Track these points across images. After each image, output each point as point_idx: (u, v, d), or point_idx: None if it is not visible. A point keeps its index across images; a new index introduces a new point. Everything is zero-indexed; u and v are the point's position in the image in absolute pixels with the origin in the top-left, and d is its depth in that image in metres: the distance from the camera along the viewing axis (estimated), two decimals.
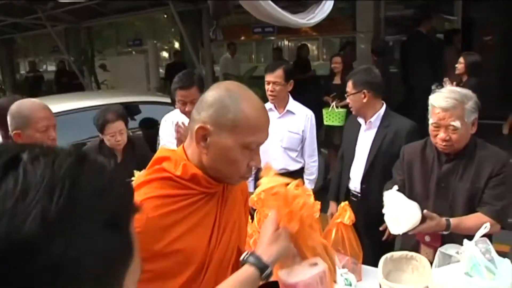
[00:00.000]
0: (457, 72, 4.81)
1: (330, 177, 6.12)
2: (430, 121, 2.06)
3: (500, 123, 6.95)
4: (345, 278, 1.98)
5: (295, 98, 3.28)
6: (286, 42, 10.82)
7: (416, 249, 2.12)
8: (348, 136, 2.99)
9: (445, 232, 1.97)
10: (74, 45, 10.27)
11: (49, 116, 2.06)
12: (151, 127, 4.46)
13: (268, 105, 3.24)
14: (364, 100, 2.72)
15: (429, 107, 2.08)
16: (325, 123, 5.62)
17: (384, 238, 2.30)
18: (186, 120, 3.06)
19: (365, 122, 2.81)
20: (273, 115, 3.20)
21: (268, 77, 3.10)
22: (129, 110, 4.66)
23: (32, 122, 1.99)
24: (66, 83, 9.73)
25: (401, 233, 1.94)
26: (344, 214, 2.20)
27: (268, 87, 3.11)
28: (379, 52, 6.06)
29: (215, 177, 1.21)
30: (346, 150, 2.98)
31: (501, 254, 2.16)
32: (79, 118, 4.09)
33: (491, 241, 1.75)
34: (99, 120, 2.99)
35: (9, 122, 2.04)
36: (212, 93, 1.18)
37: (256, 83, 7.53)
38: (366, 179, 2.78)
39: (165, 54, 13.06)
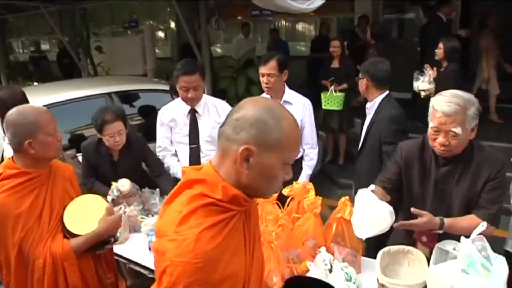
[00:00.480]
0: (436, 57, 4.77)
1: (329, 159, 6.24)
2: (430, 124, 2.02)
3: None
4: (346, 273, 2.03)
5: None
6: (283, 22, 10.72)
7: (413, 246, 2.15)
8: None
9: (440, 231, 2.00)
10: (68, 26, 10.13)
11: (52, 118, 2.01)
12: (150, 114, 4.46)
13: (265, 96, 3.27)
14: (364, 87, 3.12)
15: (430, 109, 2.03)
16: (323, 107, 5.62)
17: None
18: (185, 111, 3.12)
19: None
20: None
21: (262, 70, 3.10)
22: (128, 98, 4.67)
23: (42, 126, 1.92)
24: (68, 64, 9.63)
25: (363, 238, 1.84)
26: (345, 209, 2.25)
27: (263, 79, 3.12)
28: (378, 36, 6.02)
29: (250, 194, 1.20)
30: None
31: (500, 239, 2.23)
32: (77, 108, 4.07)
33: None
34: (98, 120, 2.97)
35: (12, 134, 1.92)
36: (252, 113, 1.13)
37: (253, 64, 7.52)
38: (359, 157, 3.25)
39: (161, 34, 12.92)
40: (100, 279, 2.12)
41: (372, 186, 2.14)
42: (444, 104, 1.94)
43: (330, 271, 2.08)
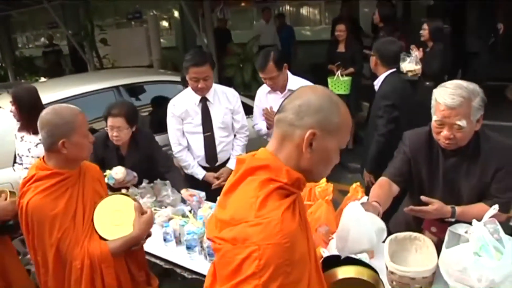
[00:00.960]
0: (422, 38, 4.87)
1: None
2: (434, 117, 1.97)
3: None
4: (359, 258, 2.05)
5: None
6: (287, 7, 10.63)
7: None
8: None
9: (451, 219, 1.99)
10: (72, 20, 10.14)
11: (86, 119, 2.02)
12: (162, 105, 4.46)
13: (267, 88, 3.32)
14: (373, 64, 3.33)
15: (433, 102, 1.98)
16: None
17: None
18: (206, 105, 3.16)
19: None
20: (275, 96, 3.29)
21: (262, 75, 3.15)
22: (136, 90, 4.70)
23: (77, 127, 1.92)
24: (81, 58, 9.59)
25: (342, 256, 1.60)
26: (356, 194, 2.27)
27: (266, 82, 3.20)
28: (386, 18, 5.92)
29: (305, 178, 1.23)
30: None
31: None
32: (86, 103, 4.08)
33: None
34: (106, 111, 3.07)
35: (47, 133, 1.91)
36: (315, 99, 1.19)
37: (259, 51, 7.48)
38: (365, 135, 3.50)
39: (165, 23, 12.89)
40: (133, 277, 2.13)
41: (365, 198, 2.10)
42: (447, 96, 1.88)
43: None
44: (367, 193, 2.31)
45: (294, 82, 3.23)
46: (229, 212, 1.17)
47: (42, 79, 10.31)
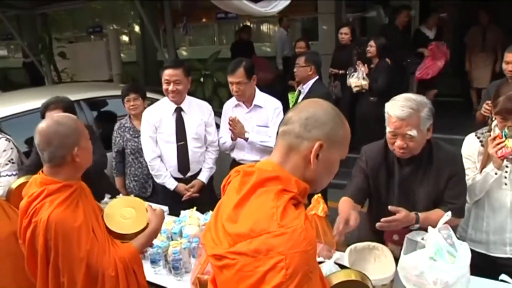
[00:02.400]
0: (368, 55, 5.15)
1: None
2: (387, 129, 2.10)
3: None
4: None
5: None
6: (248, 23, 10.80)
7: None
8: None
9: (416, 225, 2.09)
10: (28, 31, 9.85)
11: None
12: (109, 121, 4.39)
13: (236, 101, 3.36)
14: (310, 72, 4.01)
15: (386, 115, 2.11)
16: (291, 107, 5.71)
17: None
18: (162, 115, 3.18)
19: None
20: (241, 110, 3.34)
21: (231, 79, 3.20)
22: (97, 105, 4.61)
23: (82, 132, 1.89)
24: (38, 72, 9.20)
25: None
26: (318, 206, 2.34)
27: (232, 87, 3.22)
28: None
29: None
30: None
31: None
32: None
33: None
34: (41, 107, 3.11)
35: (57, 146, 1.81)
36: (322, 112, 1.25)
37: (220, 67, 7.56)
38: None
39: (125, 38, 12.76)
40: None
41: (336, 255, 2.14)
42: (397, 109, 2.01)
43: None
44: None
45: (261, 98, 3.32)
46: (245, 224, 1.14)
47: None
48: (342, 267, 1.81)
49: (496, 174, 2.21)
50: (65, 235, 1.74)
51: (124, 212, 2.04)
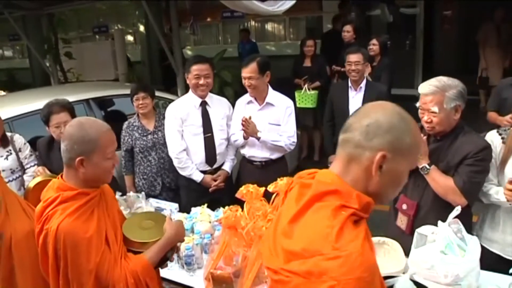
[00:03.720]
0: (372, 53, 5.15)
1: (304, 156, 6.38)
2: (418, 105, 2.30)
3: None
4: None
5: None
6: (252, 23, 10.83)
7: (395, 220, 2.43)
8: (339, 99, 3.93)
9: (423, 172, 2.26)
10: (34, 32, 9.90)
11: (114, 139, 1.82)
12: (117, 120, 4.42)
13: (248, 98, 3.40)
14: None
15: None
16: (298, 105, 5.75)
17: None
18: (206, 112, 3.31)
19: (356, 87, 3.90)
20: (253, 107, 3.39)
21: (244, 73, 3.25)
22: (105, 104, 4.66)
23: (101, 147, 1.73)
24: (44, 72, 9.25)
25: None
26: None
27: (244, 82, 3.28)
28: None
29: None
30: (340, 110, 3.88)
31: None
32: None
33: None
34: (44, 111, 3.10)
35: (66, 147, 1.75)
36: (385, 118, 1.11)
37: (226, 66, 7.59)
38: None
39: (130, 37, 12.81)
40: None
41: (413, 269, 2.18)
42: (424, 86, 2.22)
43: None
44: None
45: (273, 96, 3.37)
46: (299, 243, 1.07)
47: (1, 92, 9.99)
48: (417, 284, 1.77)
49: (510, 205, 2.22)
50: (74, 246, 1.67)
51: (144, 224, 2.00)
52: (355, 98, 3.85)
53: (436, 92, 2.17)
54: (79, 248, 1.67)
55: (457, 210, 1.89)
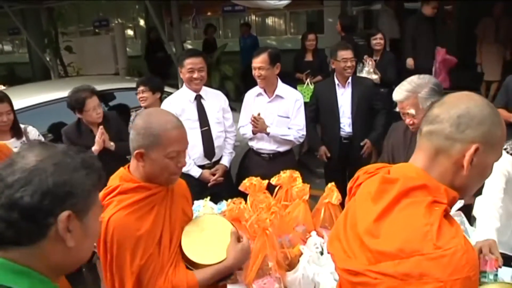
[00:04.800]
0: (378, 47, 5.15)
1: (305, 150, 6.38)
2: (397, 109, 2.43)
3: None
4: None
5: None
6: (253, 17, 10.79)
7: None
8: (327, 98, 3.88)
9: None
10: (33, 26, 9.87)
11: (183, 139, 1.67)
12: (120, 114, 4.45)
13: (258, 90, 3.43)
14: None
15: None
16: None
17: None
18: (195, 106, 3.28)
19: (344, 84, 3.79)
20: (263, 99, 3.41)
21: (255, 63, 3.28)
22: (106, 97, 4.65)
23: (162, 144, 1.59)
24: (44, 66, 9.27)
25: None
26: (332, 194, 2.37)
27: (255, 72, 3.31)
28: (347, 28, 6.20)
29: None
30: (328, 108, 3.84)
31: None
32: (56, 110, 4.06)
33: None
34: (78, 99, 3.25)
35: (132, 136, 1.65)
36: (478, 110, 1.06)
37: (227, 60, 7.59)
38: (355, 124, 3.79)
39: (130, 32, 12.76)
40: None
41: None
42: (396, 93, 2.34)
43: (322, 253, 2.20)
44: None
45: (283, 88, 3.39)
46: (392, 242, 1.01)
47: (1, 87, 9.96)
48: None
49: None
50: (121, 243, 1.57)
51: (206, 234, 1.79)
52: (344, 95, 3.80)
53: (409, 97, 2.27)
54: (126, 246, 1.57)
55: (460, 203, 1.89)
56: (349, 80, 3.81)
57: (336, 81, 3.84)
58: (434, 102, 1.15)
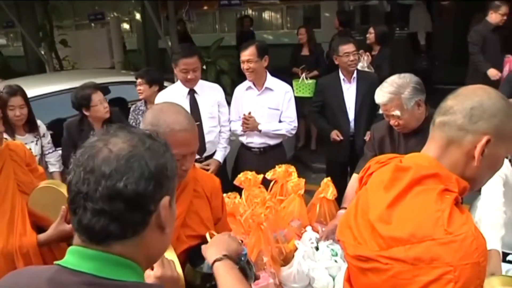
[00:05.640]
0: (368, 41, 5.14)
1: (301, 145, 6.38)
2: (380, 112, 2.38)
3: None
4: (331, 249, 2.15)
5: None
6: (250, 11, 10.74)
7: None
8: (333, 93, 3.72)
9: None
10: (28, 19, 9.78)
11: (190, 142, 1.57)
12: (120, 107, 4.45)
13: (247, 84, 3.40)
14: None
15: None
16: (295, 94, 5.70)
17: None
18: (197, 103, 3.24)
19: (349, 79, 3.68)
20: (253, 92, 3.38)
21: (242, 56, 3.25)
22: (104, 91, 4.62)
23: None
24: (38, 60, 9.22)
25: None
26: (327, 189, 2.36)
27: (243, 66, 3.27)
28: (345, 23, 6.20)
29: None
30: (335, 104, 3.70)
31: None
32: (52, 103, 4.04)
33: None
34: (84, 95, 3.24)
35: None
36: (491, 102, 1.08)
37: (223, 54, 7.55)
38: (357, 121, 3.64)
39: (125, 26, 12.68)
40: None
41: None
42: (379, 96, 2.30)
43: (317, 248, 2.19)
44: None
45: (272, 81, 3.37)
46: (404, 228, 1.03)
47: None
48: None
49: None
50: None
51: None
52: (349, 90, 3.70)
53: (392, 99, 2.24)
54: None
55: None
56: (354, 75, 3.72)
57: (342, 76, 3.73)
58: (449, 94, 1.16)
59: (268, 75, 3.38)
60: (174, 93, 3.31)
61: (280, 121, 3.37)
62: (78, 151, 0.88)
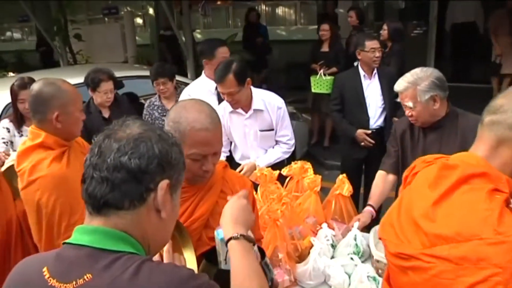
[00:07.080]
0: (381, 38, 5.03)
1: (314, 141, 6.35)
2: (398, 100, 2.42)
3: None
4: (356, 244, 2.13)
5: None
6: (263, 7, 10.69)
7: None
8: (353, 89, 3.67)
9: None
10: (42, 14, 9.85)
11: (211, 142, 1.47)
12: (132, 101, 4.47)
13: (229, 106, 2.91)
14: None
15: None
16: (313, 90, 5.71)
17: None
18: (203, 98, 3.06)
19: (370, 75, 3.63)
20: (240, 117, 2.93)
21: (221, 89, 2.72)
22: (117, 85, 4.64)
23: (186, 144, 1.39)
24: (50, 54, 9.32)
25: None
26: (343, 186, 2.34)
27: (224, 97, 2.76)
28: (362, 20, 6.18)
29: None
30: (354, 100, 3.66)
31: None
32: None
33: None
34: (95, 78, 3.36)
35: (165, 126, 1.53)
36: None
37: (237, 50, 7.51)
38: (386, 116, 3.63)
39: (139, 20, 12.71)
40: None
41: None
42: (397, 84, 2.34)
43: (333, 246, 2.17)
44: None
45: (260, 101, 2.87)
46: (449, 226, 1.00)
47: (11, 74, 9.98)
48: None
49: None
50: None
51: None
52: (370, 86, 3.63)
53: (408, 88, 2.26)
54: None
55: None
56: (375, 71, 3.65)
57: (362, 72, 3.64)
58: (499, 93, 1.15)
59: (254, 93, 2.88)
60: (201, 89, 3.20)
61: (276, 141, 3.00)
62: (99, 135, 0.99)
